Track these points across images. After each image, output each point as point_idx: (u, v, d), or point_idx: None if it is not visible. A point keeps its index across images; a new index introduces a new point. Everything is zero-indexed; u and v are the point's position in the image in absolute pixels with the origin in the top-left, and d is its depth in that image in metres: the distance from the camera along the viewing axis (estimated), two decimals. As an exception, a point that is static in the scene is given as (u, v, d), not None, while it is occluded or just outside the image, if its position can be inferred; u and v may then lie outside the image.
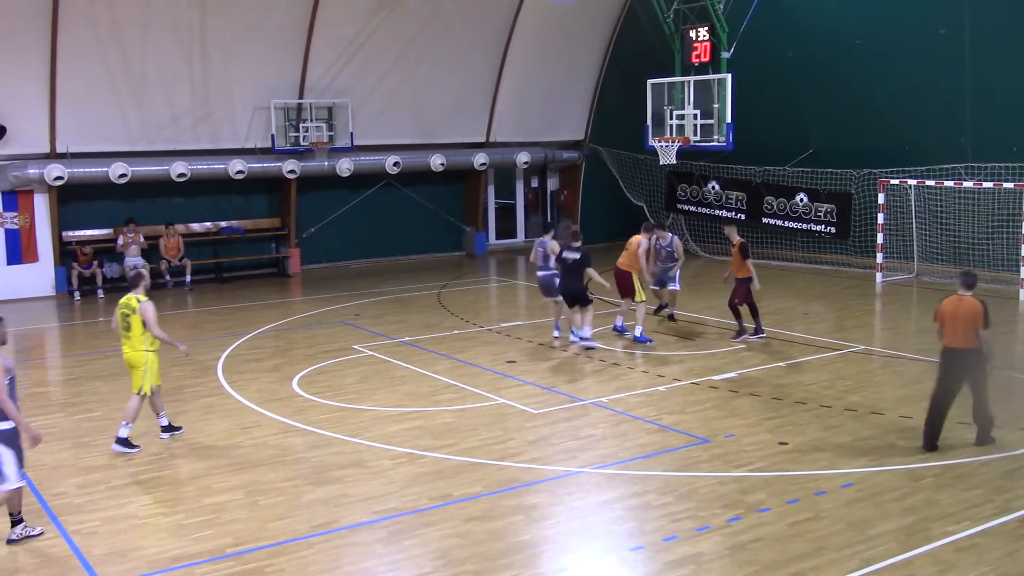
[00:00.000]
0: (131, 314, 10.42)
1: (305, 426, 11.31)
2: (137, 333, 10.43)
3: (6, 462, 8.02)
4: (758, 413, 11.41)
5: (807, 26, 22.79)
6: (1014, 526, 8.10)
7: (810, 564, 7.44)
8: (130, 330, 10.46)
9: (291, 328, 17.42)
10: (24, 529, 8.28)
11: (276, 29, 22.12)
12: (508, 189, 28.71)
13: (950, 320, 10.00)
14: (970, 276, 10.25)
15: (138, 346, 10.47)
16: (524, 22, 25.19)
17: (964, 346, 9.89)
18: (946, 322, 10.04)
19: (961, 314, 9.91)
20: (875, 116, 21.79)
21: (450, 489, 9.20)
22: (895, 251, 21.21)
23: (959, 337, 9.91)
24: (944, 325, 10.07)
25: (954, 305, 10.04)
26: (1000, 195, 19.29)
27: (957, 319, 9.94)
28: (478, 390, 12.71)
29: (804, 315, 17.58)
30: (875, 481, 9.16)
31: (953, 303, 10.07)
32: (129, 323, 10.44)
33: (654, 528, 8.21)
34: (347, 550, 7.95)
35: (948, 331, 10.02)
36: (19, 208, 20.89)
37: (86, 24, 20.05)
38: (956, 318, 9.95)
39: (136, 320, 10.38)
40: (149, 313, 10.37)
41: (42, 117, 20.54)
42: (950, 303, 10.09)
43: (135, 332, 10.43)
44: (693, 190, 25.84)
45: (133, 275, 10.85)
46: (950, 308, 10.04)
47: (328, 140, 23.03)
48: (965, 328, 9.86)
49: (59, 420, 11.90)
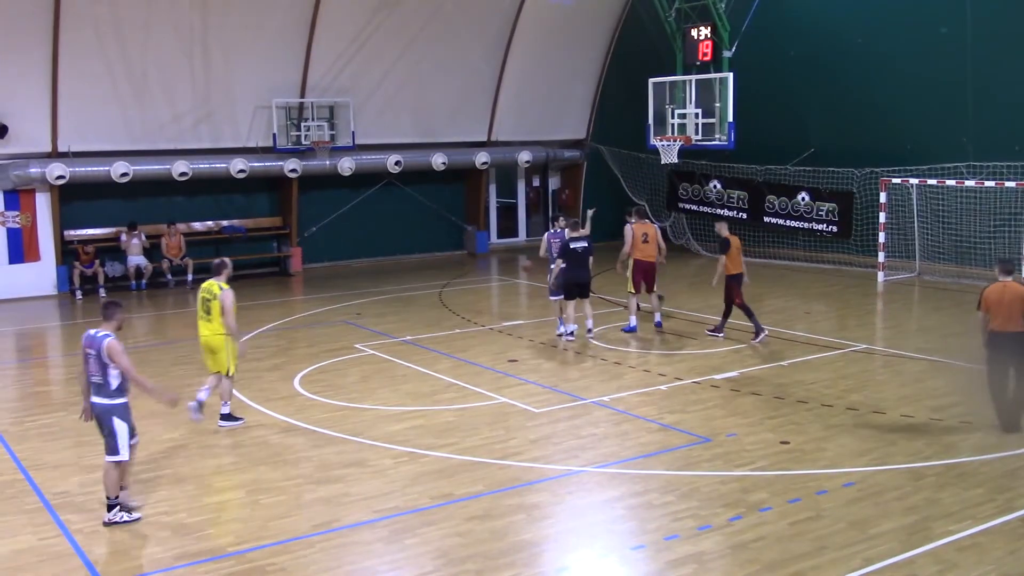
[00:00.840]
0: (212, 299, 10.76)
1: (306, 425, 11.31)
2: (217, 318, 10.77)
3: (120, 435, 8.42)
4: (759, 412, 11.40)
5: (809, 25, 22.77)
6: (1015, 525, 8.09)
7: (811, 563, 7.43)
8: (210, 314, 10.80)
9: (292, 327, 17.43)
10: (119, 514, 8.52)
11: (277, 28, 22.13)
12: (509, 188, 28.72)
13: (996, 305, 10.35)
14: (1008, 263, 10.73)
15: (217, 330, 10.82)
16: (525, 21, 25.18)
17: (1013, 329, 10.28)
18: (992, 307, 10.39)
19: (1007, 299, 10.29)
20: (877, 115, 21.77)
21: (451, 488, 9.20)
22: (897, 250, 21.19)
23: (1008, 321, 10.29)
24: (990, 311, 10.41)
25: (999, 291, 10.38)
26: (1002, 194, 19.27)
27: (1003, 304, 10.31)
28: (479, 389, 12.71)
29: (806, 314, 17.57)
30: (876, 480, 9.15)
31: (998, 289, 10.41)
32: (209, 308, 10.78)
33: (655, 527, 8.21)
34: (348, 549, 7.95)
35: (995, 316, 10.37)
36: (21, 207, 20.91)
37: (88, 23, 20.06)
38: (1002, 303, 10.32)
39: (216, 305, 10.73)
40: (228, 301, 10.71)
41: (44, 116, 20.56)
42: (995, 290, 10.43)
43: (215, 317, 10.77)
44: (695, 189, 25.83)
45: (217, 262, 11.21)
46: (996, 294, 10.39)
47: (329, 139, 23.05)
48: (1011, 311, 10.27)
49: (61, 419, 11.91)
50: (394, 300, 19.83)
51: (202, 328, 10.97)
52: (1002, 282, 10.48)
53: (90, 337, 8.46)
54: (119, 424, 8.44)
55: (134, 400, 11.21)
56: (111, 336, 8.40)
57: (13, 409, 12.51)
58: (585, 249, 14.96)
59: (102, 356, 8.34)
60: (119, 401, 8.45)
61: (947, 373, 13.09)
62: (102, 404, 8.44)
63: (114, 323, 8.57)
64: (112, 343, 8.35)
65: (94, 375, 8.42)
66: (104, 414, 8.43)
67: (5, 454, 10.49)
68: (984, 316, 10.55)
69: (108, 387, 8.41)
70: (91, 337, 8.46)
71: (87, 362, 8.46)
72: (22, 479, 9.70)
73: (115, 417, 8.42)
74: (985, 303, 10.51)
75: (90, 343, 8.43)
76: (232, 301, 10.78)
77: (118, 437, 8.43)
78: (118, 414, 8.44)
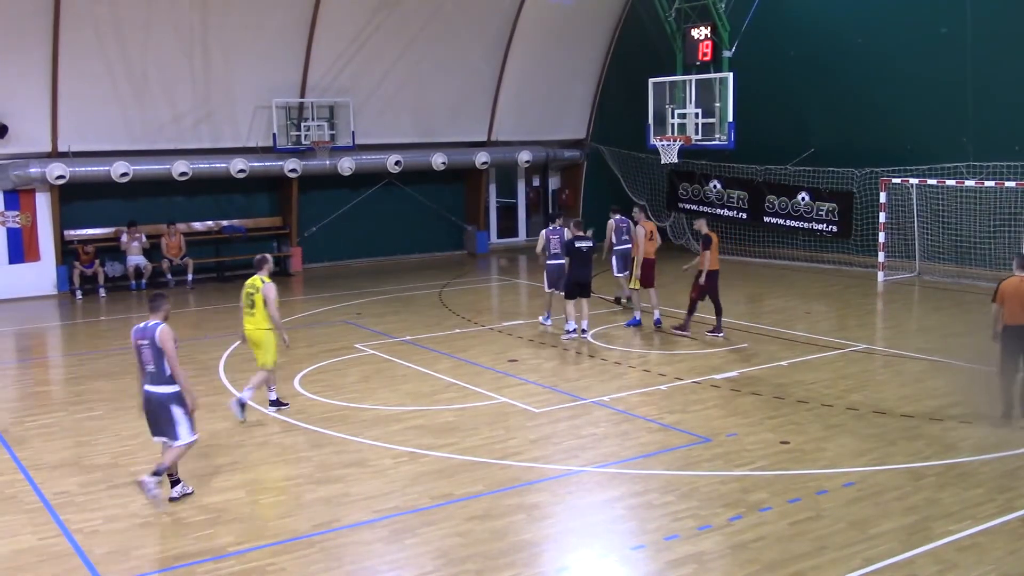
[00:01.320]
0: (255, 293, 11.14)
1: (306, 425, 11.31)
2: (260, 312, 11.15)
3: (180, 421, 8.71)
4: (760, 412, 11.40)
5: (809, 25, 22.77)
6: (1016, 525, 8.09)
7: (811, 563, 7.43)
8: (254, 308, 11.17)
9: (292, 327, 17.40)
10: (183, 488, 8.99)
11: (277, 28, 22.13)
12: (509, 188, 28.72)
13: (1011, 299, 10.67)
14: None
15: (261, 324, 11.19)
16: (525, 21, 25.18)
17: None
18: (1007, 301, 10.69)
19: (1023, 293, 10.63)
20: (877, 115, 21.77)
21: (451, 488, 9.20)
22: (897, 250, 21.20)
23: (1022, 315, 10.62)
24: (1005, 304, 10.71)
25: (1016, 285, 10.69)
26: (1002, 194, 19.27)
27: (1017, 298, 10.63)
28: (479, 389, 12.71)
29: (806, 314, 17.57)
30: (876, 480, 9.15)
31: (1015, 284, 10.71)
32: (253, 302, 11.16)
33: (655, 527, 8.21)
34: (348, 549, 7.95)
35: (1010, 310, 10.66)
36: (21, 207, 20.90)
37: (88, 23, 20.06)
38: (1016, 297, 10.64)
39: (259, 299, 11.11)
40: (270, 294, 11.10)
41: (44, 116, 20.55)
42: (1011, 284, 10.73)
43: (259, 311, 11.14)
44: (695, 189, 25.84)
45: (259, 258, 11.51)
46: (1012, 288, 10.70)
47: (329, 139, 23.05)
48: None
49: (61, 419, 11.91)
50: (394, 300, 19.83)
51: (247, 323, 11.33)
52: (1019, 276, 10.72)
53: (140, 329, 8.70)
54: (177, 410, 8.70)
55: (132, 400, 11.23)
56: (162, 324, 8.67)
57: (13, 409, 12.51)
58: (590, 249, 15.30)
59: (156, 343, 8.58)
60: (175, 388, 8.69)
61: (949, 372, 13.10)
62: (159, 393, 8.68)
63: (162, 313, 8.81)
64: (164, 329, 8.63)
65: (148, 364, 8.64)
66: (163, 402, 8.67)
67: (5, 454, 10.48)
68: (998, 308, 10.81)
69: (163, 374, 8.63)
70: (142, 329, 8.69)
71: (141, 353, 8.68)
72: (22, 479, 9.70)
73: (173, 404, 8.68)
74: (1001, 296, 10.76)
75: (142, 334, 8.66)
76: (275, 295, 11.14)
77: (178, 424, 8.71)
78: (175, 401, 8.69)
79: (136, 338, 8.70)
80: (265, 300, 11.09)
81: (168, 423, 8.70)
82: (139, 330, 8.71)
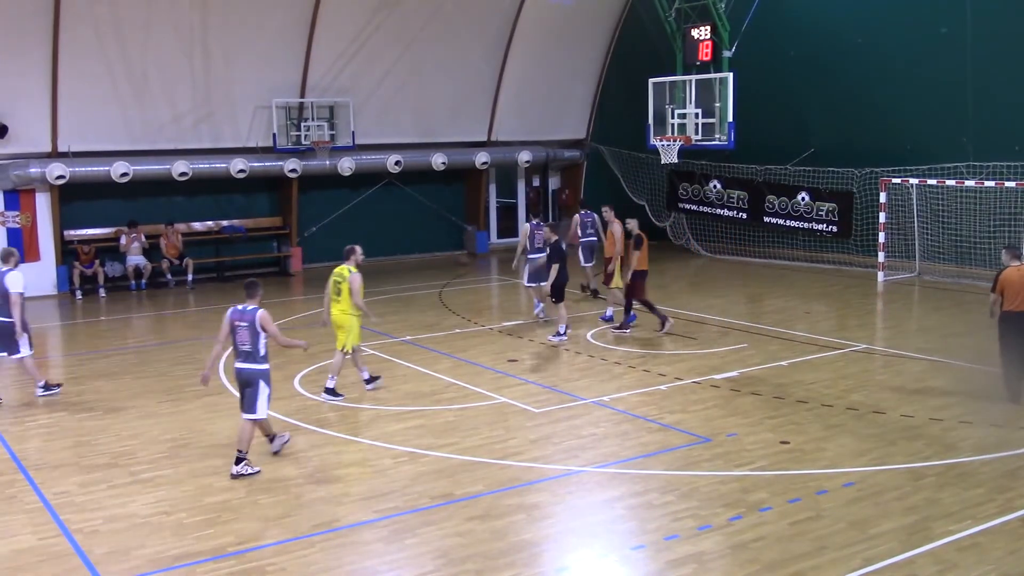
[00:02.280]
0: (342, 282, 12.08)
1: (306, 425, 11.31)
2: (346, 298, 12.04)
3: (261, 396, 9.65)
4: (759, 412, 11.40)
5: (809, 25, 22.77)
6: (1016, 525, 8.10)
7: (811, 563, 7.43)
8: (340, 295, 12.09)
9: (292, 327, 17.42)
10: (246, 467, 9.63)
11: (277, 28, 22.14)
12: (509, 188, 28.71)
13: (1011, 287, 11.33)
14: (1015, 248, 11.88)
15: (345, 309, 12.09)
16: (525, 21, 25.19)
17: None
18: (1007, 289, 11.35)
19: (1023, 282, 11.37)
20: (877, 115, 21.77)
21: (451, 488, 9.20)
22: (897, 250, 21.20)
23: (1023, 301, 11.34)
24: (1005, 292, 11.37)
25: (1015, 274, 11.37)
26: (1002, 194, 19.28)
27: (1015, 284, 11.32)
28: (479, 389, 12.72)
29: (806, 314, 17.57)
30: (876, 480, 9.15)
31: (1014, 273, 11.40)
32: (340, 289, 12.08)
33: (655, 527, 8.21)
34: (348, 549, 7.95)
35: (1011, 297, 11.32)
36: (21, 207, 20.91)
37: (88, 23, 20.07)
38: (1014, 283, 11.32)
39: (346, 287, 12.01)
40: (356, 283, 12.00)
41: (44, 116, 20.56)
42: (1012, 272, 11.41)
43: (344, 297, 12.04)
44: (695, 189, 25.84)
45: (347, 248, 12.47)
46: (1013, 277, 11.37)
47: (329, 139, 23.06)
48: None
49: (61, 419, 11.91)
50: (394, 300, 19.82)
51: (333, 308, 12.21)
52: (1015, 266, 11.43)
53: (239, 311, 9.61)
54: (263, 387, 9.66)
55: (132, 400, 11.37)
56: (261, 308, 9.59)
57: (13, 409, 12.50)
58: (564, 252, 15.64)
59: (255, 325, 9.51)
60: (266, 366, 9.67)
61: (951, 372, 13.10)
62: (251, 369, 9.64)
63: (258, 299, 9.72)
64: (264, 314, 9.58)
65: (244, 344, 9.57)
66: (253, 377, 9.63)
67: (5, 454, 10.48)
68: (996, 297, 11.46)
69: (257, 354, 9.59)
70: (240, 311, 9.61)
71: (237, 333, 9.59)
72: (22, 479, 9.70)
73: (262, 380, 9.65)
74: (1001, 285, 11.40)
75: (240, 316, 9.59)
76: (360, 283, 12.03)
77: (259, 398, 9.64)
78: (265, 378, 9.68)
79: (234, 319, 9.58)
80: (351, 289, 11.94)
81: (252, 396, 9.63)
82: (237, 312, 9.60)
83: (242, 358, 9.66)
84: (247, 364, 9.65)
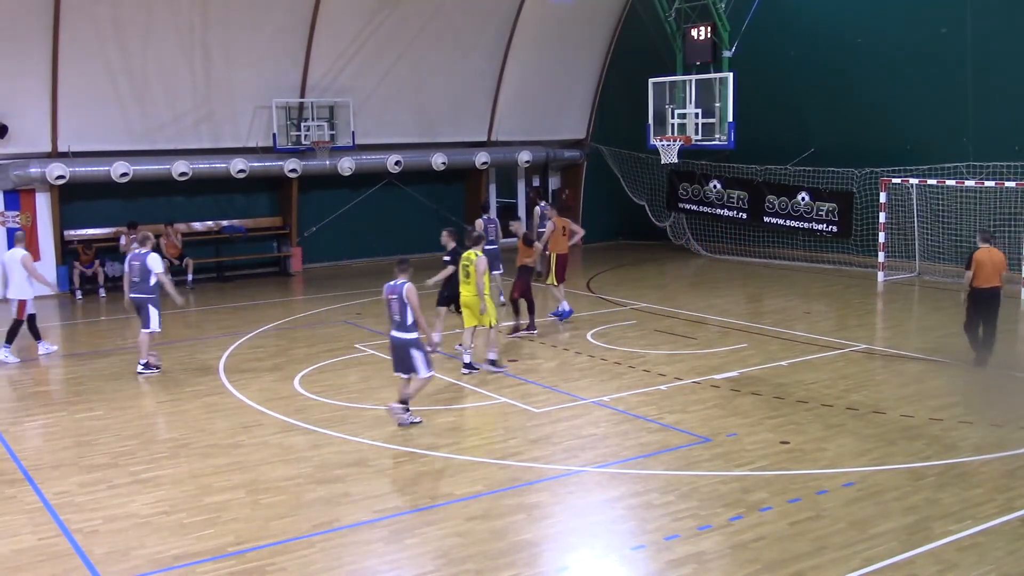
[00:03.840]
0: (470, 265, 13.24)
1: (306, 425, 11.31)
2: (474, 280, 13.23)
3: (418, 360, 10.83)
4: (759, 412, 11.40)
5: (809, 25, 22.77)
6: (1016, 525, 8.09)
7: (811, 563, 7.43)
8: (469, 278, 13.30)
9: (292, 327, 17.43)
10: (412, 416, 10.96)
11: (277, 28, 22.13)
12: (509, 188, 28.70)
13: (980, 266, 12.81)
14: (987, 231, 13.58)
15: (474, 291, 13.24)
16: (525, 21, 25.19)
17: (992, 285, 12.90)
18: (978, 269, 12.81)
19: (994, 260, 12.90)
20: (877, 115, 21.77)
21: (451, 488, 9.20)
22: (897, 250, 21.20)
23: (992, 278, 12.87)
24: (976, 271, 12.82)
25: (986, 254, 12.88)
26: (1002, 194, 19.28)
27: (986, 264, 12.81)
28: (479, 389, 12.71)
29: (806, 314, 17.57)
30: (876, 480, 9.15)
31: (985, 253, 12.91)
32: (468, 272, 13.29)
33: (655, 527, 8.21)
34: (348, 549, 7.95)
35: (983, 275, 12.80)
36: (21, 207, 20.91)
37: (88, 23, 20.06)
38: (986, 265, 12.81)
39: (473, 270, 13.18)
40: (481, 267, 13.12)
41: (44, 116, 20.55)
42: (982, 253, 12.89)
43: (472, 280, 13.25)
44: (695, 189, 25.84)
45: (476, 235, 13.92)
46: (983, 257, 12.86)
47: (329, 139, 23.05)
48: (995, 271, 12.89)
49: (61, 419, 11.91)
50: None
51: (463, 290, 13.42)
52: (986, 248, 12.95)
53: (391, 286, 10.74)
54: (416, 352, 10.79)
55: (132, 400, 11.34)
56: (408, 282, 10.66)
57: (13, 409, 12.51)
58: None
59: (403, 298, 10.62)
60: (415, 335, 10.78)
61: (950, 372, 13.11)
62: (402, 338, 10.82)
63: (407, 274, 10.81)
64: (411, 287, 10.67)
65: (395, 315, 10.75)
66: (403, 346, 10.81)
67: (5, 454, 10.48)
68: (969, 275, 12.92)
69: (405, 323, 10.72)
70: (392, 286, 10.73)
71: (390, 305, 10.79)
72: (22, 479, 9.69)
73: (412, 348, 10.79)
74: (976, 264, 12.85)
75: (392, 290, 10.71)
76: (484, 266, 13.14)
77: (416, 360, 10.81)
78: (415, 345, 10.80)
79: (387, 293, 10.76)
80: (477, 272, 13.11)
81: (409, 361, 10.80)
82: (389, 287, 10.75)
83: (394, 327, 10.84)
84: (399, 333, 10.82)
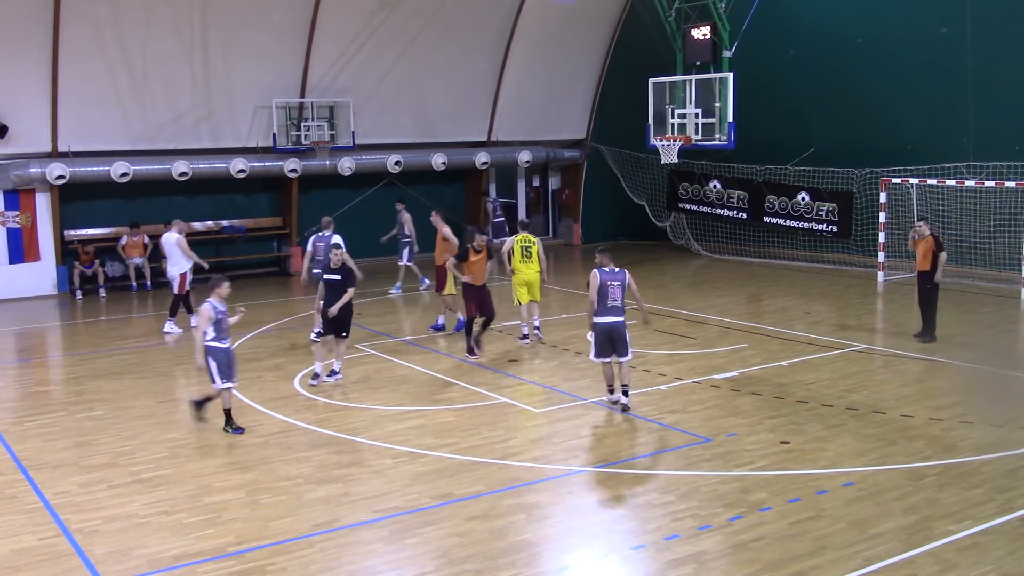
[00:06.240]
0: (531, 246, 14.98)
1: (306, 425, 11.31)
2: (536, 259, 14.89)
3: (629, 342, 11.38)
4: (759, 412, 11.40)
5: (809, 25, 22.77)
6: (1016, 525, 8.10)
7: (811, 563, 7.43)
8: (530, 257, 14.93)
9: (292, 327, 17.43)
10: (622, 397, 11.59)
11: (278, 28, 22.12)
12: (509, 188, 28.70)
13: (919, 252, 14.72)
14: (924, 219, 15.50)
15: (536, 268, 14.94)
16: (525, 21, 25.18)
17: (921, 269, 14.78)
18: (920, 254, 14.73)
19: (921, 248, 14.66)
20: (877, 115, 21.78)
21: (451, 488, 9.20)
22: (897, 250, 21.18)
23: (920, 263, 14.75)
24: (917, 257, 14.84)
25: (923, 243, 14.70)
26: (1002, 194, 19.28)
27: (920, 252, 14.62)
28: (480, 389, 12.71)
29: (806, 314, 17.57)
30: (876, 480, 9.15)
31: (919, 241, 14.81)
32: (530, 252, 14.94)
33: (655, 527, 8.21)
34: (348, 549, 7.95)
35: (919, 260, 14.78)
36: (21, 207, 20.91)
37: (88, 23, 20.06)
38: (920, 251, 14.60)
39: (535, 249, 14.95)
40: (541, 246, 15.05)
41: (44, 116, 20.55)
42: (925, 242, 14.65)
43: (534, 259, 14.91)
44: (695, 189, 25.84)
45: (527, 222, 15.94)
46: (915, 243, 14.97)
47: (329, 139, 23.05)
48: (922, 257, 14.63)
49: (61, 419, 11.90)
50: (394, 300, 19.81)
51: (524, 268, 14.89)
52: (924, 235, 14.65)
53: (609, 272, 11.24)
54: (628, 334, 11.36)
55: (132, 400, 11.34)
56: (626, 271, 11.35)
57: (13, 409, 12.51)
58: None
59: (625, 284, 11.25)
60: (623, 318, 11.30)
61: (950, 372, 13.11)
62: (619, 321, 11.22)
63: (612, 262, 11.37)
64: (631, 275, 11.36)
65: (615, 299, 11.19)
66: (621, 327, 11.25)
67: (5, 454, 10.48)
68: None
69: (621, 308, 11.24)
70: (610, 272, 11.25)
71: (609, 290, 11.18)
72: (22, 479, 9.70)
73: (626, 330, 11.34)
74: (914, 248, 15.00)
75: (612, 277, 11.23)
76: (541, 247, 14.98)
77: (628, 343, 11.36)
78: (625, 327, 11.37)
79: (607, 279, 11.18)
80: (539, 250, 14.90)
81: (622, 342, 11.21)
82: (606, 273, 11.22)
83: (612, 312, 11.16)
84: (617, 317, 11.19)
